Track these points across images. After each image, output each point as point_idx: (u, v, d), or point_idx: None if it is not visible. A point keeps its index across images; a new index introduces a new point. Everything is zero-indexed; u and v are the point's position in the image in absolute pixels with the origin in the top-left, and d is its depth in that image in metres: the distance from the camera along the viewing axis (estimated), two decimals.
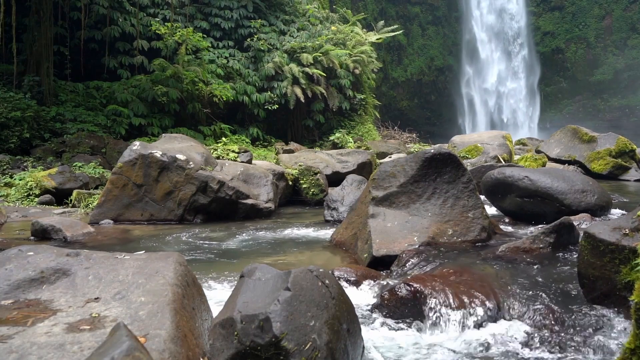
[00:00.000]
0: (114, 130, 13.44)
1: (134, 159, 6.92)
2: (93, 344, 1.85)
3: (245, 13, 18.51)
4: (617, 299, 2.75)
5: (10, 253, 2.50)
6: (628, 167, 11.89)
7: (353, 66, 18.78)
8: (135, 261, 2.55)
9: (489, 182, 6.25)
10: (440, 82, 35.16)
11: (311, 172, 9.15)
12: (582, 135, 13.02)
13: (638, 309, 1.76)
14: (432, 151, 4.78)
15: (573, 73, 33.91)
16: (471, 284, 3.21)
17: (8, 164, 10.19)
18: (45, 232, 5.61)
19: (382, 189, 4.80)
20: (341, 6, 26.25)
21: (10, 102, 11.60)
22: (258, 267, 2.55)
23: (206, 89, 15.66)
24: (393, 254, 4.17)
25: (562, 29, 34.18)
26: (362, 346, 2.54)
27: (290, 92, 17.06)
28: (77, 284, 2.35)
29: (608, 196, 6.09)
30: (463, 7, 34.67)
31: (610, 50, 32.75)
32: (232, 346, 2.12)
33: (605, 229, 2.79)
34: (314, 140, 18.30)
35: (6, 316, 2.04)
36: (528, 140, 18.60)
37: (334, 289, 2.41)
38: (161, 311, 2.10)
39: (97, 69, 15.56)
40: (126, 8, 16.24)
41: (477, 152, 13.10)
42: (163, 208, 6.96)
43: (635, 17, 32.00)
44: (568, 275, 3.31)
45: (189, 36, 15.72)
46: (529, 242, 3.99)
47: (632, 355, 1.75)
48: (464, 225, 4.53)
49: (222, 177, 7.24)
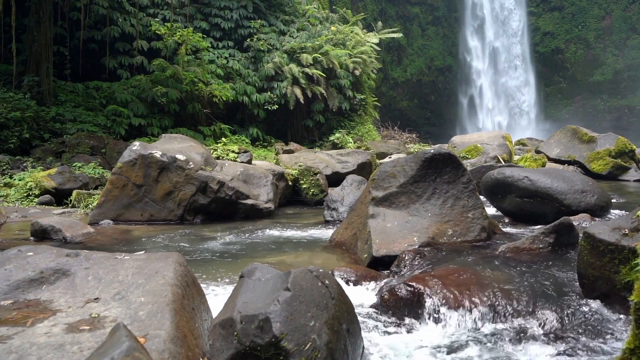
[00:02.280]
0: (113, 130, 13.44)
1: (133, 159, 6.92)
2: (93, 345, 1.85)
3: (245, 13, 18.51)
4: (617, 299, 2.75)
5: (9, 253, 2.50)
6: (628, 168, 11.90)
7: (353, 66, 18.78)
8: (135, 261, 2.55)
9: (488, 183, 6.25)
10: (440, 83, 35.17)
11: (311, 172, 9.15)
12: (581, 136, 13.03)
13: (638, 309, 1.76)
14: (431, 151, 4.78)
15: (573, 73, 33.93)
16: (471, 284, 3.21)
17: (8, 164, 10.18)
18: (44, 233, 5.61)
19: (382, 189, 4.80)
20: (341, 6, 26.25)
21: (10, 102, 11.60)
22: (258, 268, 2.55)
23: (206, 89, 15.66)
24: (393, 254, 4.17)
25: (561, 29, 34.20)
26: (362, 346, 2.54)
27: (290, 92, 17.06)
28: (76, 284, 2.35)
29: (608, 196, 6.09)
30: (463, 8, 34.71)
31: (610, 50, 32.76)
32: (232, 346, 2.12)
33: (604, 229, 2.79)
34: (314, 141, 18.30)
35: (6, 316, 2.04)
36: (528, 141, 18.59)
37: (334, 289, 2.41)
38: (161, 311, 2.10)
39: (97, 69, 15.56)
40: (126, 8, 16.24)
41: (477, 152, 13.11)
42: (163, 208, 6.96)
43: (635, 17, 32.02)
44: (568, 276, 3.31)
45: (189, 36, 15.72)
46: (528, 242, 3.99)
47: (632, 355, 1.75)
48: (464, 225, 4.53)
49: (222, 177, 7.24)
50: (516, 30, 34.50)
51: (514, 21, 34.57)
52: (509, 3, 34.63)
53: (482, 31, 34.63)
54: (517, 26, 34.55)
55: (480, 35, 34.63)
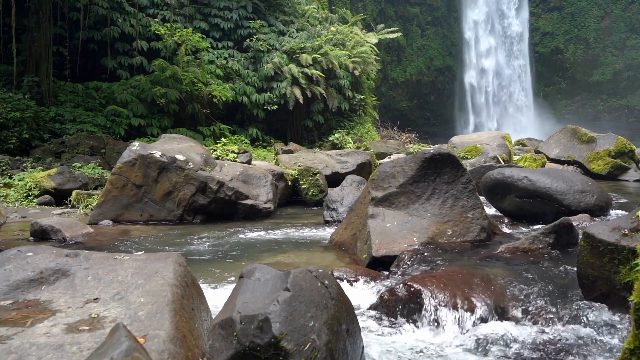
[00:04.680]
0: (113, 130, 13.43)
1: (133, 160, 6.92)
2: (92, 345, 1.85)
3: (244, 13, 18.51)
4: (617, 299, 2.75)
5: (9, 253, 2.49)
6: (627, 168, 11.91)
7: (352, 67, 18.77)
8: (135, 262, 2.55)
9: (488, 183, 6.25)
10: (440, 83, 35.17)
11: (311, 172, 9.15)
12: (581, 136, 13.04)
13: (637, 309, 1.76)
14: (431, 152, 4.78)
15: (572, 73, 33.95)
16: (470, 284, 3.21)
17: (7, 165, 10.18)
18: (44, 233, 5.60)
19: (381, 190, 4.80)
20: (340, 7, 26.25)
21: (10, 102, 11.59)
22: (257, 268, 2.54)
23: (205, 90, 15.66)
24: (392, 254, 4.17)
25: (561, 30, 34.22)
26: (361, 346, 2.54)
27: (289, 92, 17.06)
28: (76, 284, 2.34)
29: (607, 196, 6.10)
30: None
31: (609, 50, 32.79)
32: (232, 347, 2.12)
33: (604, 229, 2.79)
34: (314, 141, 18.30)
35: (5, 317, 2.04)
36: (527, 141, 18.58)
37: (334, 290, 2.41)
38: (160, 312, 2.10)
39: (97, 70, 15.55)
40: (125, 9, 16.23)
41: (477, 152, 13.11)
42: (162, 208, 6.96)
43: (635, 17, 32.04)
44: (567, 276, 3.31)
45: (189, 37, 15.71)
46: (528, 243, 3.99)
47: (632, 355, 1.75)
48: (464, 225, 4.53)
49: (221, 177, 7.24)
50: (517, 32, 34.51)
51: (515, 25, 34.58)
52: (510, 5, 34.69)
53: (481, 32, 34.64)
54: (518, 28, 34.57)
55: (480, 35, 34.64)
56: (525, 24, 34.57)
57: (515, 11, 34.61)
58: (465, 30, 34.36)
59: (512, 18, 34.65)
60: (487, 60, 34.28)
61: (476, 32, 34.35)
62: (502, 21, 34.68)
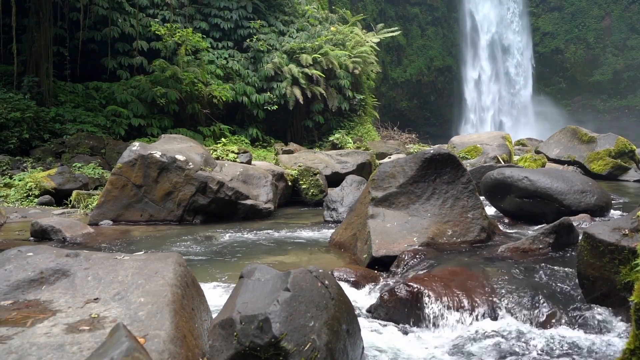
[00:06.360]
0: (113, 130, 13.43)
1: (133, 160, 6.92)
2: (92, 345, 1.85)
3: (244, 14, 18.50)
4: (617, 299, 2.75)
5: (9, 254, 2.49)
6: (627, 168, 11.90)
7: (352, 67, 18.77)
8: (135, 262, 2.55)
9: (488, 183, 6.25)
10: (440, 83, 35.17)
11: (311, 172, 9.15)
12: (581, 136, 13.03)
13: (638, 309, 1.76)
14: (431, 152, 4.78)
15: (572, 73, 33.95)
16: (470, 285, 3.21)
17: (7, 165, 10.18)
18: (44, 233, 5.60)
19: (381, 190, 4.80)
20: (340, 7, 26.25)
21: (10, 102, 11.59)
22: (257, 268, 2.54)
23: (205, 90, 15.66)
24: (392, 254, 4.17)
25: (561, 30, 34.22)
26: (361, 347, 2.54)
27: (289, 92, 17.06)
28: (76, 284, 2.34)
29: (607, 197, 6.10)
30: None
31: (609, 50, 32.79)
32: (232, 347, 2.12)
33: (604, 229, 2.79)
34: (314, 141, 18.29)
35: (5, 317, 2.04)
36: (527, 141, 18.58)
37: (334, 290, 2.41)
38: (160, 312, 2.10)
39: (97, 70, 15.55)
40: (125, 9, 16.23)
41: (477, 152, 13.11)
42: (162, 209, 6.96)
43: (635, 17, 32.05)
44: (567, 276, 3.31)
45: (189, 37, 15.71)
46: (528, 243, 3.99)
47: (632, 355, 1.75)
48: (464, 225, 4.53)
49: (221, 177, 7.24)
50: None
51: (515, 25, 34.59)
52: None
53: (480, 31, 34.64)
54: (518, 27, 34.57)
55: (480, 35, 34.64)
56: (525, 24, 34.58)
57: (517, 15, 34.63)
58: (466, 30, 34.39)
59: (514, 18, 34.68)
60: (487, 60, 34.29)
61: (476, 32, 34.37)
62: (502, 22, 34.70)
